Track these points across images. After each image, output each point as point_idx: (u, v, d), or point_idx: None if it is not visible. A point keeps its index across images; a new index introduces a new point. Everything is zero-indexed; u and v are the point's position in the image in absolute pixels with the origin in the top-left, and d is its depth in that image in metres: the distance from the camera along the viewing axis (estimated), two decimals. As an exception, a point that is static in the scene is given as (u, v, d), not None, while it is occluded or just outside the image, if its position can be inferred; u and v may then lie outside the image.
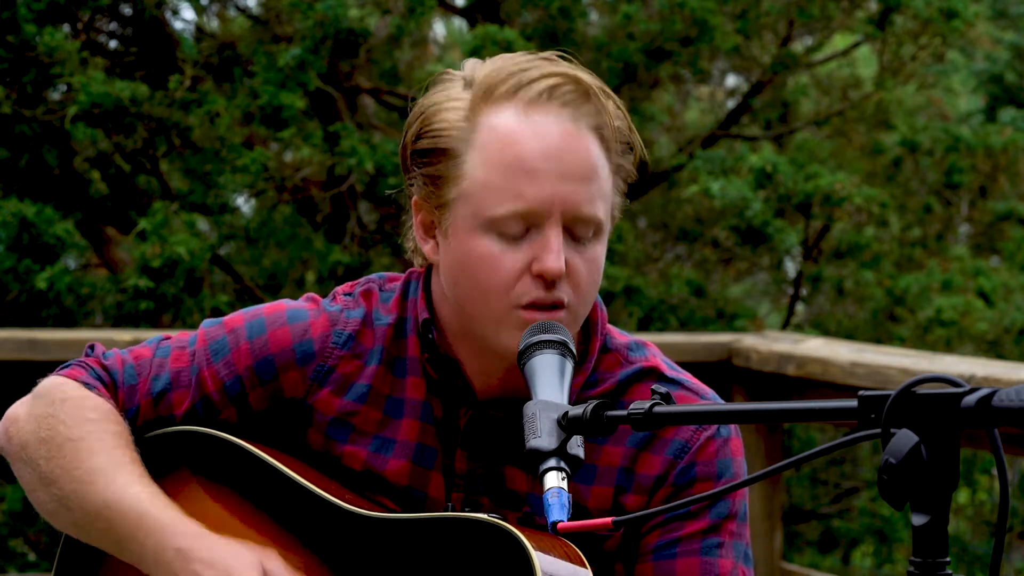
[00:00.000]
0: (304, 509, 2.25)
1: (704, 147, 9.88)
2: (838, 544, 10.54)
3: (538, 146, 2.14)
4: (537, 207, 2.14)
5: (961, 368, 4.44)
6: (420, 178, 2.22)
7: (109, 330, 7.21)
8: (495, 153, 2.15)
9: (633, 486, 2.25)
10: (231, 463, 2.29)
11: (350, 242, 8.94)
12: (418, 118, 2.23)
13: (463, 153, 2.17)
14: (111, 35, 9.51)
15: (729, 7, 9.19)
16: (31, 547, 8.75)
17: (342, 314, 2.32)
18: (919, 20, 9.62)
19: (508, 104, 2.17)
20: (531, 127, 2.15)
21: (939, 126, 10.72)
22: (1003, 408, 1.57)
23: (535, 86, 2.16)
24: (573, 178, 2.15)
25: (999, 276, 10.07)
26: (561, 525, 1.86)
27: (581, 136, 2.16)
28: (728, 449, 2.27)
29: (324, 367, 2.30)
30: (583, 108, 2.17)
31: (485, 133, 2.17)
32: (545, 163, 2.14)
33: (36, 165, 8.48)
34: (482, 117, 2.17)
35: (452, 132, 2.18)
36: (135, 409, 2.32)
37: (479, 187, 2.15)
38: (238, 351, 2.31)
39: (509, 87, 2.17)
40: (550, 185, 2.14)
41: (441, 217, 2.20)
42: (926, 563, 1.63)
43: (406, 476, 2.28)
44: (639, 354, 2.32)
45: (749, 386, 5.30)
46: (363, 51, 8.71)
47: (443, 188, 2.19)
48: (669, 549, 2.25)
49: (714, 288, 10.06)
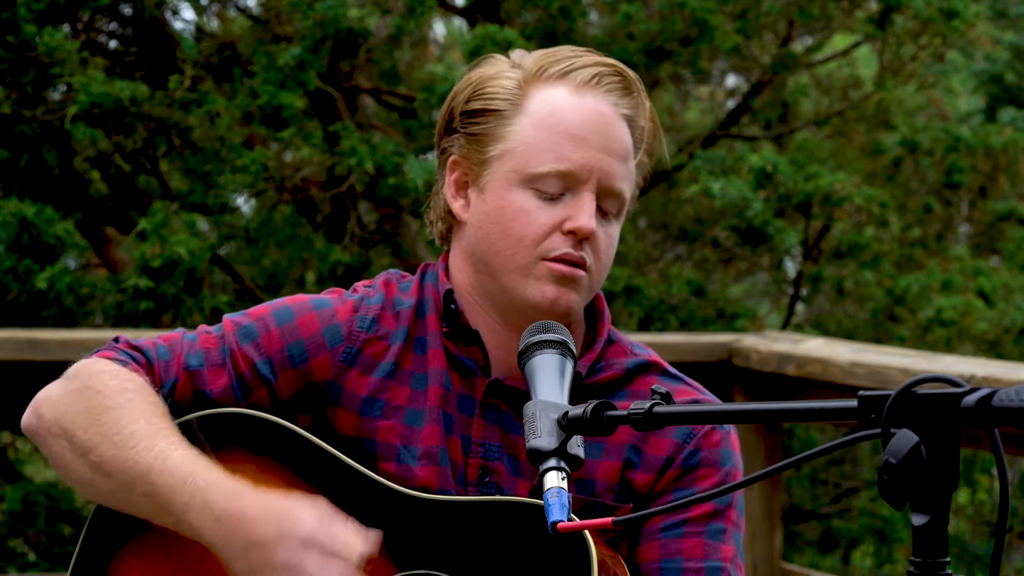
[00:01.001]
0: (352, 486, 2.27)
1: (704, 147, 9.87)
2: (838, 544, 10.54)
3: (585, 118, 2.33)
4: (577, 170, 2.31)
5: (961, 368, 4.44)
6: (463, 137, 2.37)
7: (109, 330, 7.20)
8: (545, 118, 2.33)
9: (641, 463, 2.34)
10: (276, 444, 2.31)
11: (350, 242, 8.94)
12: (469, 84, 2.40)
13: (513, 116, 2.34)
14: (111, 35, 9.50)
15: (729, 7, 9.19)
16: (31, 547, 8.75)
17: (363, 301, 2.43)
18: (919, 20, 9.61)
19: (559, 83, 2.35)
20: (581, 101, 2.33)
21: (939, 126, 10.71)
22: (1003, 408, 1.57)
23: (585, 71, 2.35)
24: (612, 153, 2.33)
25: (999, 276, 10.06)
26: (561, 525, 1.87)
27: (620, 121, 2.36)
28: (729, 440, 2.39)
29: (352, 349, 2.39)
30: (625, 99, 2.36)
31: (536, 102, 2.35)
32: (590, 134, 2.32)
33: (36, 165, 8.47)
34: (534, 90, 2.35)
35: (505, 96, 2.35)
36: (172, 383, 2.35)
37: (525, 145, 2.32)
38: (268, 336, 2.38)
39: (561, 69, 2.35)
40: (592, 154, 2.31)
41: (480, 172, 2.35)
42: (926, 563, 1.63)
43: (437, 438, 2.35)
44: (642, 350, 2.45)
45: (749, 386, 5.30)
46: (363, 51, 8.70)
47: (488, 144, 2.34)
48: (676, 528, 2.33)
49: (714, 288, 10.06)
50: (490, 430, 2.35)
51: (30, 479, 9.47)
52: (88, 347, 2.48)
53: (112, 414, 2.27)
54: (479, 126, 2.35)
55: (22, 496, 8.16)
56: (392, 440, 2.35)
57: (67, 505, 8.32)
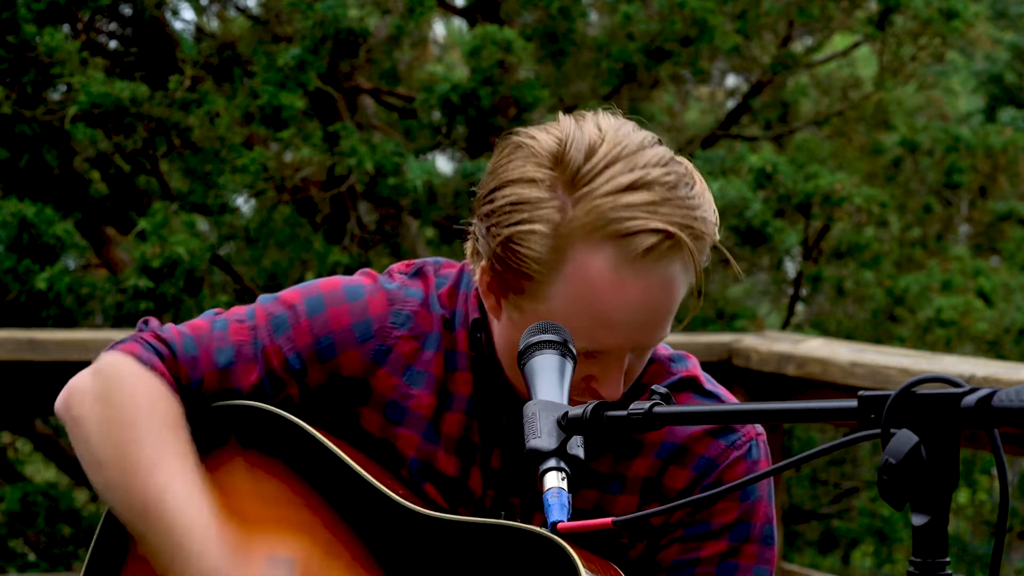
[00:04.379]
0: (359, 498, 2.25)
1: (704, 147, 9.88)
2: (838, 544, 10.54)
3: (625, 302, 2.07)
4: (609, 350, 2.13)
5: (961, 368, 4.44)
6: (495, 268, 2.13)
7: (109, 330, 7.20)
8: (582, 299, 2.08)
9: (658, 497, 2.25)
10: (291, 443, 2.28)
11: (350, 242, 8.94)
12: (499, 214, 2.10)
13: (548, 283, 2.09)
14: (111, 35, 9.50)
15: (729, 7, 9.19)
16: (31, 547, 8.75)
17: (400, 292, 2.31)
18: (919, 20, 9.62)
19: (603, 248, 2.06)
20: (622, 283, 2.07)
21: (939, 126, 10.72)
22: (1003, 408, 1.57)
23: (637, 241, 2.04)
24: (651, 327, 2.13)
25: (999, 276, 10.07)
26: (561, 525, 1.86)
27: (671, 287, 2.10)
28: (756, 468, 2.25)
29: (383, 347, 2.30)
30: (677, 262, 2.09)
31: (574, 271, 2.07)
32: (628, 316, 2.09)
33: (36, 165, 8.47)
34: (575, 251, 2.06)
35: (540, 265, 2.08)
36: (199, 380, 2.30)
37: (556, 317, 2.08)
38: (299, 327, 2.30)
39: (609, 233, 2.05)
40: (627, 335, 2.11)
41: (510, 309, 2.16)
42: (926, 563, 1.63)
43: (452, 467, 2.29)
44: (680, 365, 2.32)
45: (749, 386, 5.30)
46: (363, 51, 8.70)
47: (520, 297, 2.13)
48: (688, 569, 2.24)
49: (714, 288, 10.06)
50: (508, 461, 2.28)
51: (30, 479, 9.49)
52: (88, 347, 2.48)
53: (123, 433, 2.25)
54: (511, 276, 2.11)
55: (21, 496, 8.16)
56: (408, 452, 2.30)
57: (67, 505, 8.33)
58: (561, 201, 2.07)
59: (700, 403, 2.26)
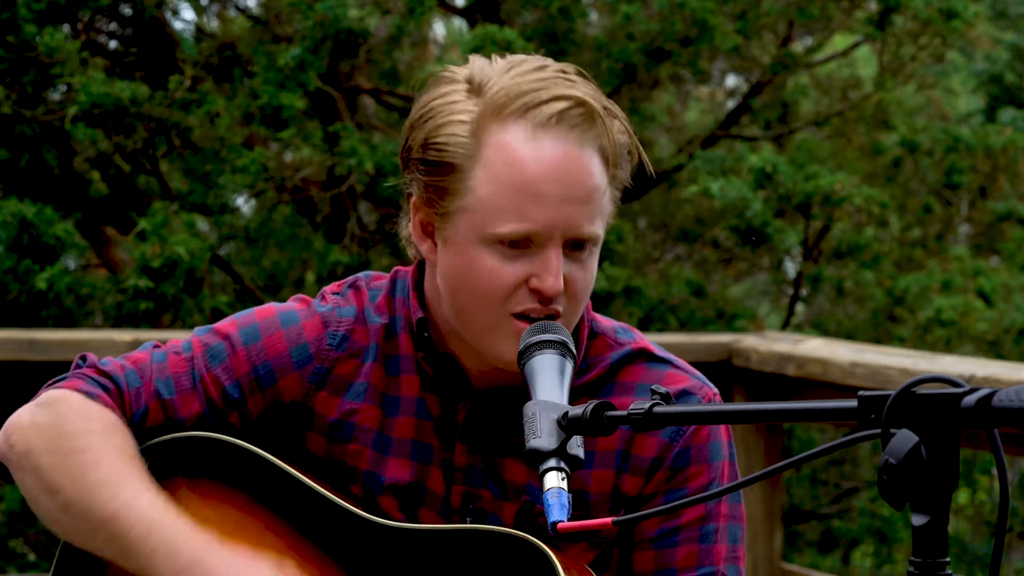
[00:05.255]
0: (321, 516, 2.24)
1: (704, 147, 9.88)
2: (838, 544, 10.54)
3: (544, 169, 2.16)
4: (540, 229, 2.16)
5: (961, 368, 4.44)
6: (421, 183, 2.23)
7: (109, 330, 7.21)
8: (502, 173, 2.17)
9: (629, 467, 2.29)
10: (244, 469, 2.28)
11: (350, 242, 8.94)
12: (422, 125, 2.22)
13: (469, 169, 2.18)
14: (111, 35, 9.51)
15: (729, 7, 9.18)
16: (31, 547, 8.75)
17: (333, 313, 2.34)
18: (919, 20, 9.62)
19: (516, 123, 2.18)
20: (538, 150, 2.16)
21: (939, 126, 10.72)
22: (1003, 408, 1.57)
23: (545, 109, 2.17)
24: (576, 200, 2.17)
25: (999, 276, 10.06)
26: (561, 525, 1.87)
27: (585, 158, 2.18)
28: (718, 431, 2.31)
29: (322, 369, 2.32)
30: (589, 132, 2.18)
31: (492, 151, 2.18)
32: (550, 186, 2.16)
33: (36, 165, 8.47)
34: (489, 135, 2.18)
35: (459, 149, 2.19)
36: (143, 411, 2.30)
37: (483, 204, 2.17)
38: (235, 357, 2.31)
39: (519, 107, 2.17)
40: (554, 208, 2.16)
41: (442, 224, 2.22)
42: (926, 563, 1.63)
43: (407, 472, 2.29)
44: (627, 336, 2.36)
45: (749, 386, 5.30)
46: (363, 51, 8.71)
47: (446, 199, 2.20)
48: (671, 537, 2.29)
49: (714, 288, 10.06)
50: (472, 456, 2.29)
51: (30, 479, 9.46)
52: (88, 347, 2.48)
53: (78, 457, 2.23)
54: (435, 177, 2.20)
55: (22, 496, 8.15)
56: (360, 465, 2.30)
57: (67, 505, 8.31)
58: (474, 101, 2.20)
59: (654, 371, 2.31)
